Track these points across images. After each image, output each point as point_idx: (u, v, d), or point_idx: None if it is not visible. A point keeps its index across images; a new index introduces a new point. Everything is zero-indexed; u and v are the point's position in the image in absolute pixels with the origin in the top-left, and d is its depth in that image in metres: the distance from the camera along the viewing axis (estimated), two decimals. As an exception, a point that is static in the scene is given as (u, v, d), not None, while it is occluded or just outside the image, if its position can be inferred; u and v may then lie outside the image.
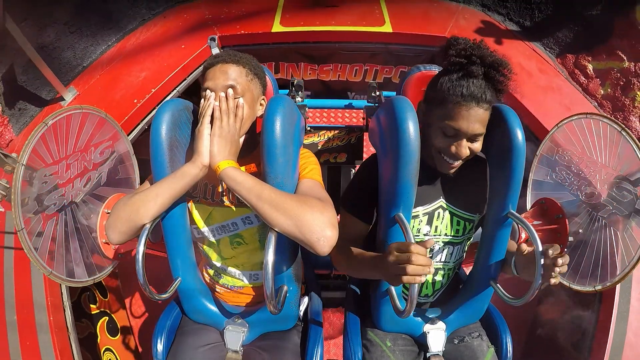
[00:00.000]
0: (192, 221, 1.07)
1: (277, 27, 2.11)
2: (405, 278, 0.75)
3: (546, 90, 1.88)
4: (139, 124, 1.78)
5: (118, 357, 1.90)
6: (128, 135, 1.67)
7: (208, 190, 1.04)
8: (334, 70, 2.45)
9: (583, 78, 1.92)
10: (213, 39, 1.81)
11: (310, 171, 1.00)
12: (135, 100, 1.75)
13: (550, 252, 0.86)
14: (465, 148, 0.93)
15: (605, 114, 1.14)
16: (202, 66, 1.97)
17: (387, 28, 2.12)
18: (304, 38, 2.16)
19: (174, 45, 2.01)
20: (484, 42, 0.93)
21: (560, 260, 0.84)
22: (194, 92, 2.63)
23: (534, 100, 1.81)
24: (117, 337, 1.99)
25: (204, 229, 1.05)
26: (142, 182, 1.16)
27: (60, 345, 1.27)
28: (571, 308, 1.68)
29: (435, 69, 1.24)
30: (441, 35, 2.08)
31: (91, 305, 1.85)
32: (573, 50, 1.98)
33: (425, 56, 2.23)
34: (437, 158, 0.98)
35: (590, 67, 1.90)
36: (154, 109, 1.80)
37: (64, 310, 1.37)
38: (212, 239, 1.06)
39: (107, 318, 1.95)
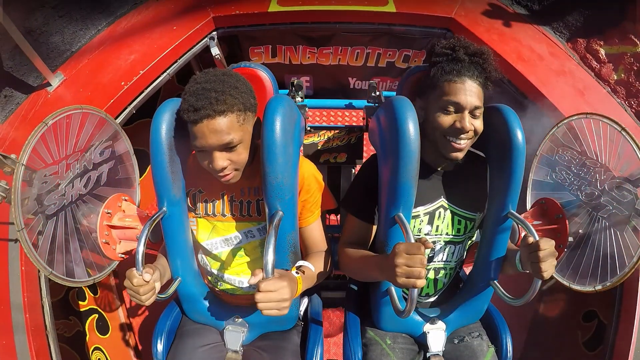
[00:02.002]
0: (196, 235, 1.07)
1: (274, 7, 1.99)
2: (419, 282, 0.76)
3: (558, 73, 1.79)
4: (126, 108, 1.70)
5: (108, 357, 1.84)
6: (115, 119, 1.61)
7: (209, 206, 1.04)
8: (334, 53, 2.33)
9: (595, 63, 1.83)
10: (212, 38, 1.75)
11: (312, 216, 1.05)
12: (123, 83, 1.67)
13: (542, 244, 0.85)
14: (468, 121, 0.94)
15: (605, 114, 1.14)
16: (192, 50, 1.90)
17: (390, 8, 2.00)
18: (303, 18, 2.04)
19: (165, 27, 1.91)
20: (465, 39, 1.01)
21: (542, 244, 0.85)
22: (187, 79, 2.50)
23: (546, 83, 1.73)
24: (108, 335, 1.93)
25: (207, 242, 1.06)
26: (140, 176, 1.15)
27: (36, 346, 1.21)
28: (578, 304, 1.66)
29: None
30: (447, 16, 1.96)
31: (80, 302, 1.78)
32: (584, 34, 1.88)
33: (431, 39, 2.13)
34: (443, 143, 0.97)
35: (602, 51, 1.82)
36: (143, 92, 1.74)
37: (42, 307, 1.30)
38: (215, 252, 1.06)
39: (96, 315, 1.88)
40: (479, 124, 0.96)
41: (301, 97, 1.54)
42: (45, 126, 0.98)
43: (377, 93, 1.50)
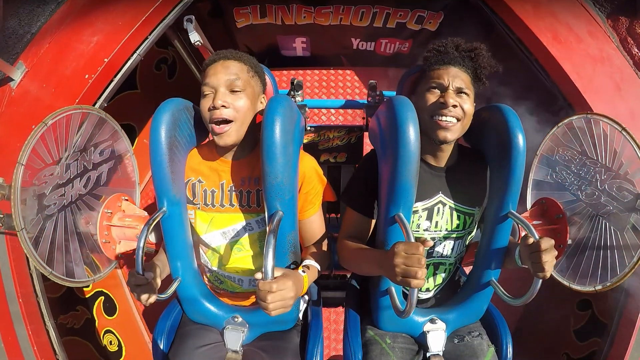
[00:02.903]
0: (195, 228, 1.07)
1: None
2: (414, 282, 0.76)
3: (596, 60, 1.57)
4: (95, 104, 1.52)
5: (119, 337, 1.83)
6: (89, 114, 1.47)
7: (208, 196, 1.04)
8: (334, 13, 2.03)
9: (636, 49, 1.58)
10: (190, 20, 1.49)
11: (313, 207, 1.06)
12: (87, 76, 1.49)
13: (542, 244, 0.86)
14: (452, 97, 0.97)
15: (605, 114, 1.14)
16: (165, 22, 1.59)
17: None
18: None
19: None
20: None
21: (543, 244, 0.85)
22: (167, 41, 2.04)
23: (583, 75, 1.54)
24: (116, 315, 1.92)
25: (206, 235, 1.06)
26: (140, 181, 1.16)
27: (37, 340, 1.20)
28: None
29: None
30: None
31: (84, 289, 1.77)
32: (627, 11, 1.61)
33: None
34: (431, 125, 0.99)
35: None
36: (112, 81, 1.56)
37: (38, 303, 1.29)
38: (213, 246, 1.06)
39: (103, 297, 1.87)
40: (467, 106, 0.98)
41: (301, 97, 1.54)
42: (45, 126, 0.98)
43: (377, 92, 1.50)
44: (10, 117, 1.43)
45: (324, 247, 1.09)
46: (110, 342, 1.78)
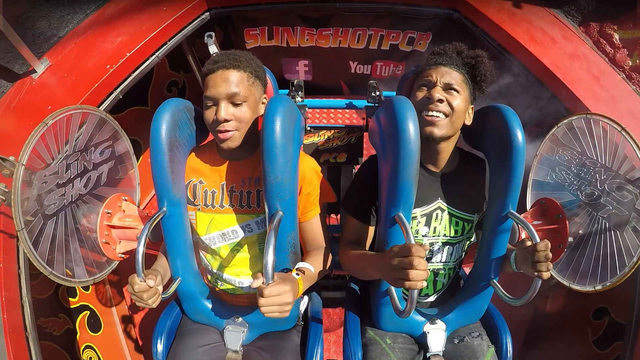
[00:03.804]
0: (194, 229, 1.07)
1: (270, -15, 1.86)
2: (407, 283, 0.76)
3: (572, 57, 1.71)
4: (112, 92, 1.62)
5: (100, 355, 1.79)
6: (101, 103, 1.57)
7: (208, 196, 1.05)
8: (334, 35, 2.21)
9: (609, 48, 1.74)
10: (210, 36, 1.66)
11: (314, 209, 1.06)
12: (108, 66, 1.59)
13: (539, 247, 0.88)
14: (439, 92, 0.98)
15: (605, 114, 1.14)
16: (183, 32, 1.79)
17: None
18: (301, -4, 1.93)
19: (155, 8, 1.81)
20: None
21: (541, 245, 0.88)
22: (181, 66, 2.34)
23: (561, 67, 1.65)
24: (100, 332, 1.88)
25: (205, 236, 1.06)
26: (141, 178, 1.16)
27: (14, 347, 1.16)
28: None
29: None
30: (454, -6, 1.84)
31: (70, 299, 1.73)
32: (597, 18, 1.79)
33: (436, 20, 2.04)
34: (420, 121, 0.97)
35: (616, 36, 1.73)
36: (130, 75, 1.67)
37: (22, 307, 1.25)
38: (213, 247, 1.06)
39: (88, 312, 1.83)
40: (456, 103, 0.98)
41: (301, 97, 1.54)
42: (45, 126, 0.98)
43: (377, 93, 1.50)
44: (27, 104, 1.49)
45: (326, 252, 1.08)
46: (90, 358, 1.73)
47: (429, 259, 1.08)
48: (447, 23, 2.06)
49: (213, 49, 1.74)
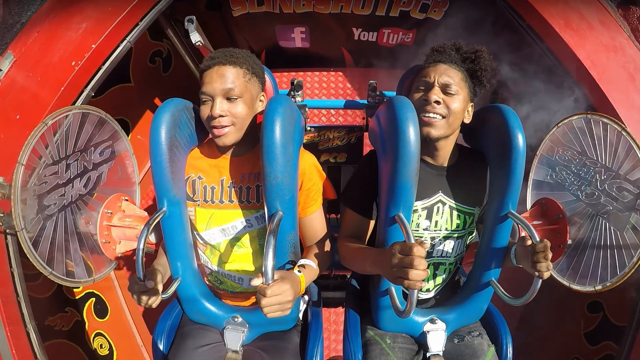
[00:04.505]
0: (194, 225, 1.07)
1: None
2: (407, 282, 0.76)
3: (608, 49, 1.50)
4: (82, 92, 1.46)
5: (110, 340, 1.78)
6: (73, 104, 1.42)
7: (208, 192, 1.05)
8: (334, 0, 1.93)
9: None
10: (191, 21, 1.46)
11: (314, 204, 1.05)
12: (73, 63, 1.42)
13: (539, 246, 0.88)
14: (436, 94, 0.98)
15: (605, 114, 1.14)
16: (157, 8, 1.52)
17: None
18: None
19: None
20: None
21: (540, 245, 0.88)
22: (163, 33, 1.99)
23: (597, 64, 1.47)
24: (107, 317, 1.86)
25: (205, 232, 1.06)
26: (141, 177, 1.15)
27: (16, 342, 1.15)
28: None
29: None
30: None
31: (74, 290, 1.72)
32: (638, 1, 1.55)
33: None
34: (418, 122, 0.96)
35: None
36: (100, 68, 1.49)
37: (19, 303, 1.22)
38: (213, 243, 1.06)
39: (94, 299, 1.82)
40: (454, 105, 0.98)
41: (301, 97, 1.54)
42: (45, 126, 0.98)
43: (377, 93, 1.50)
44: (-4, 105, 1.36)
45: (326, 247, 1.08)
46: (101, 345, 1.73)
47: (430, 253, 1.08)
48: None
49: (195, 37, 1.55)
